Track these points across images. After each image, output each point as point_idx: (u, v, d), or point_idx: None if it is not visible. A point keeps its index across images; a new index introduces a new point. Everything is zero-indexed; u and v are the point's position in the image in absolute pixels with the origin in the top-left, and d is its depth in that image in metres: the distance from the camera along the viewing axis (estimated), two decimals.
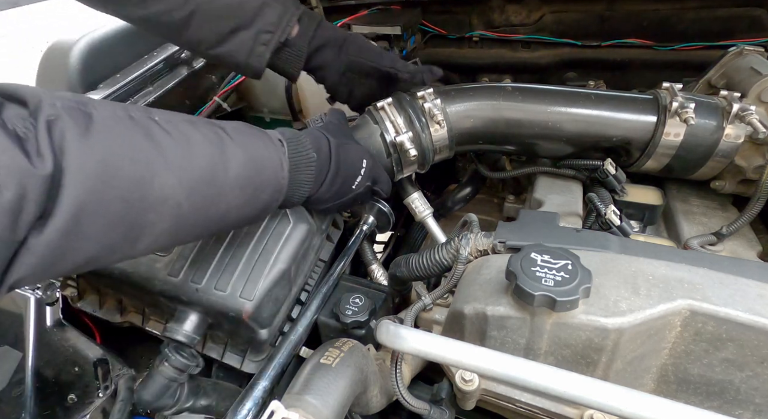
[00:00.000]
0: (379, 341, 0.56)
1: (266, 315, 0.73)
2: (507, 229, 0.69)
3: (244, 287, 0.70)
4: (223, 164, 0.53)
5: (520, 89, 0.82)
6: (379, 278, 0.95)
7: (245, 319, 0.69)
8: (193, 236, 0.57)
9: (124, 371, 0.81)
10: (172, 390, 0.67)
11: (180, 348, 0.67)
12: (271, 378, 0.64)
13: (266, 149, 0.60)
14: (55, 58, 1.04)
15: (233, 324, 0.72)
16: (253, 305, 0.70)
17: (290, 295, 0.79)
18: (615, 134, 0.79)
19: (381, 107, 0.81)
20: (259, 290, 0.70)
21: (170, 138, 0.48)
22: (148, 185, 0.45)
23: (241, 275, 0.72)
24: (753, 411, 0.53)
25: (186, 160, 0.49)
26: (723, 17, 1.05)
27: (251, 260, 0.73)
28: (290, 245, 0.75)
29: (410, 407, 0.63)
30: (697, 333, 0.52)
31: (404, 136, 0.79)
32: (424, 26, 1.31)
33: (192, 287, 0.71)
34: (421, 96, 0.81)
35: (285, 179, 0.62)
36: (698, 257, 0.61)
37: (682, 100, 0.74)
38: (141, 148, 0.45)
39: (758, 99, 0.76)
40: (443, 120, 0.80)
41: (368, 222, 0.93)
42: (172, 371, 0.65)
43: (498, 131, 0.83)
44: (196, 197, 0.50)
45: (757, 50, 0.86)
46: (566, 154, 0.86)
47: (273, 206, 0.63)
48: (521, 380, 0.47)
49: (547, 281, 0.51)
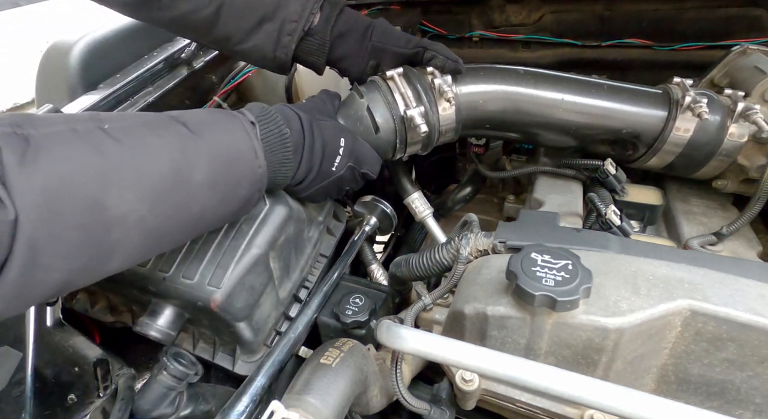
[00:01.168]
0: (379, 341, 0.56)
1: (240, 306, 0.66)
2: (507, 229, 0.68)
3: (212, 275, 0.64)
4: (187, 167, 0.49)
5: (533, 73, 0.81)
6: (379, 278, 0.95)
7: (214, 309, 0.63)
8: (174, 242, 0.54)
9: (124, 371, 0.81)
10: (170, 399, 0.66)
11: (179, 355, 0.67)
12: (269, 375, 0.63)
13: (236, 139, 0.56)
14: (55, 58, 1.04)
15: (208, 317, 0.67)
16: (223, 294, 0.63)
17: (284, 289, 0.75)
18: (624, 127, 0.78)
19: (390, 76, 0.76)
20: (229, 278, 0.64)
21: (122, 148, 0.44)
22: (101, 205, 0.41)
23: (210, 261, 0.65)
24: (753, 411, 0.53)
25: (142, 170, 0.45)
26: (723, 17, 1.04)
27: (222, 246, 0.67)
28: (266, 229, 0.69)
29: (410, 407, 0.63)
30: (698, 333, 0.52)
31: (415, 110, 0.74)
32: (424, 26, 1.31)
33: (159, 276, 0.65)
34: (430, 71, 0.77)
35: (262, 167, 0.58)
36: (698, 257, 0.61)
37: (695, 95, 0.74)
38: (88, 166, 0.41)
39: (762, 98, 0.76)
40: (453, 98, 0.76)
41: (371, 223, 0.93)
42: (171, 379, 0.65)
43: (507, 115, 0.81)
44: (161, 207, 0.47)
45: (761, 49, 0.85)
46: (572, 145, 0.85)
47: (257, 196, 0.60)
48: (521, 380, 0.47)
49: (547, 281, 0.51)
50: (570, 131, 0.81)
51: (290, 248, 0.76)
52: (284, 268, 0.76)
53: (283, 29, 0.78)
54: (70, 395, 0.79)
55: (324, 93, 0.79)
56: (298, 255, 0.79)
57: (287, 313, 0.79)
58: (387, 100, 0.75)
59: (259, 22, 0.77)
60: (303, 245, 0.79)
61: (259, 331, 0.73)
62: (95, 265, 0.44)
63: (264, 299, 0.72)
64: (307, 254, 0.80)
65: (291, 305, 0.80)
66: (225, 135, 0.55)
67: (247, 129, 0.58)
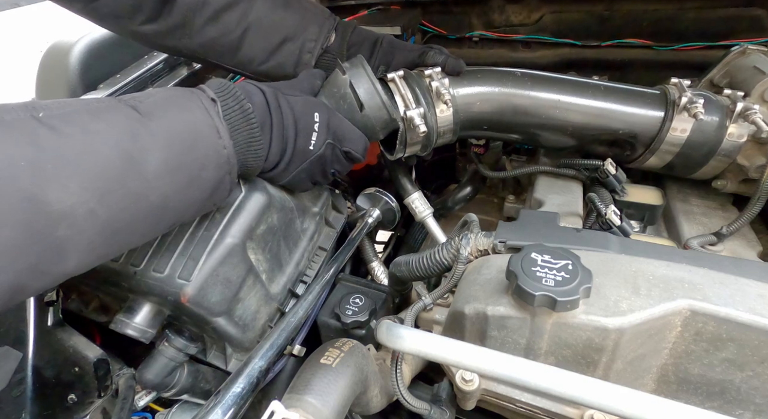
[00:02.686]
0: (379, 341, 0.56)
1: (216, 299, 0.62)
2: (507, 229, 0.68)
3: (183, 267, 0.60)
4: (138, 152, 0.45)
5: (530, 75, 0.82)
6: (380, 276, 0.95)
7: (185, 303, 0.59)
8: (139, 235, 0.50)
9: (124, 371, 0.81)
10: (172, 369, 0.67)
11: (179, 330, 0.67)
12: (267, 359, 0.61)
13: (195, 118, 0.52)
14: (55, 58, 1.04)
15: (185, 313, 0.63)
16: (194, 288, 0.59)
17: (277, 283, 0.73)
18: (621, 127, 0.79)
19: (391, 78, 0.77)
20: (200, 270, 0.60)
21: (59, 137, 0.40)
22: (40, 199, 0.38)
23: (181, 253, 0.61)
24: (753, 411, 0.53)
25: (85, 159, 0.41)
26: (723, 17, 1.04)
27: (194, 237, 0.63)
28: (242, 218, 0.65)
29: (410, 407, 0.63)
30: (698, 333, 0.52)
31: (414, 111, 0.75)
32: (424, 26, 1.31)
33: (131, 271, 0.61)
34: (428, 75, 0.79)
35: (227, 147, 0.54)
36: (698, 257, 0.61)
37: (692, 96, 0.74)
38: (17, 157, 0.37)
39: (761, 98, 0.76)
40: (450, 100, 0.77)
41: (373, 215, 0.91)
42: (173, 351, 0.65)
43: (504, 117, 0.82)
44: (113, 197, 0.43)
45: (761, 49, 0.86)
46: (570, 145, 0.86)
47: (228, 180, 0.56)
48: (521, 380, 0.47)
49: (547, 281, 0.51)
50: (567, 132, 0.82)
51: (277, 239, 0.73)
52: (273, 261, 0.73)
53: (304, 48, 0.81)
54: (70, 395, 0.79)
55: (304, 72, 0.76)
56: (291, 247, 0.76)
57: (283, 309, 0.76)
58: (369, 75, 0.72)
59: (282, 42, 0.80)
60: (296, 237, 0.76)
61: (246, 328, 0.69)
62: (48, 265, 0.40)
63: (246, 293, 0.68)
64: (303, 247, 0.77)
65: (287, 300, 0.77)
66: (182, 114, 0.51)
67: (207, 107, 0.53)
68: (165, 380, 0.66)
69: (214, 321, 0.64)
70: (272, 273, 0.74)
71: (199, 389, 0.71)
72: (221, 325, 0.65)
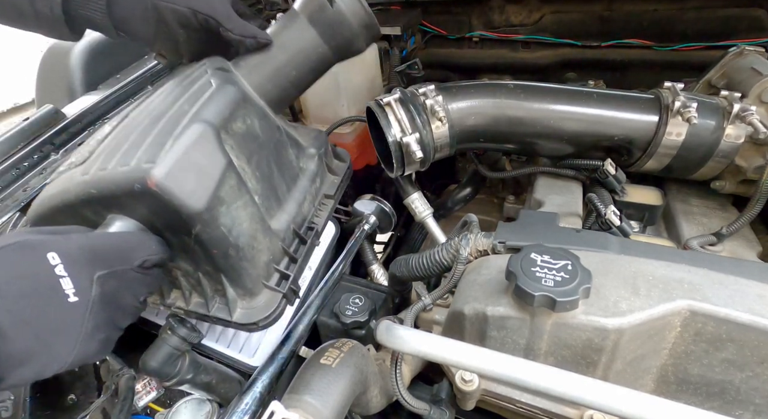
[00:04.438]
0: (379, 341, 0.56)
1: (189, 187, 0.54)
2: (507, 229, 0.69)
3: (149, 154, 0.54)
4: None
5: (522, 87, 0.82)
6: (379, 278, 0.95)
7: (152, 188, 0.52)
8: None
9: (124, 371, 0.81)
10: (174, 358, 0.67)
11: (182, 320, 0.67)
12: (271, 375, 0.63)
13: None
14: (56, 58, 1.05)
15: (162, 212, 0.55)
16: (162, 170, 0.52)
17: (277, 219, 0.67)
18: (617, 133, 0.79)
19: (387, 102, 0.79)
20: (167, 152, 0.53)
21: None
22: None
23: (150, 145, 0.55)
24: (753, 411, 0.53)
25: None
26: (723, 17, 1.05)
27: (164, 129, 0.57)
28: (211, 104, 0.60)
29: (410, 407, 0.63)
30: (697, 334, 0.52)
31: (411, 137, 0.78)
32: (424, 26, 1.31)
33: (100, 176, 0.55)
34: (422, 93, 0.81)
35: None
36: (698, 257, 0.61)
37: (685, 100, 0.74)
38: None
39: (759, 99, 0.76)
40: (445, 117, 0.79)
41: (370, 222, 0.93)
42: (177, 340, 0.66)
43: (500, 129, 0.83)
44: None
45: (758, 50, 0.86)
46: (567, 153, 0.86)
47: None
48: (521, 380, 0.47)
49: (547, 282, 0.51)
50: (563, 140, 0.83)
51: (265, 156, 0.66)
52: (265, 183, 0.66)
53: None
54: (70, 395, 0.80)
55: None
56: (288, 181, 0.70)
57: (290, 251, 0.68)
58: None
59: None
60: (292, 171, 0.70)
61: (241, 252, 0.61)
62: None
63: (230, 195, 0.59)
64: (303, 187, 0.72)
65: (293, 242, 0.71)
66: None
67: None
68: (167, 368, 0.67)
69: (195, 218, 0.54)
70: (268, 201, 0.67)
71: (199, 380, 0.71)
72: (208, 232, 0.56)
